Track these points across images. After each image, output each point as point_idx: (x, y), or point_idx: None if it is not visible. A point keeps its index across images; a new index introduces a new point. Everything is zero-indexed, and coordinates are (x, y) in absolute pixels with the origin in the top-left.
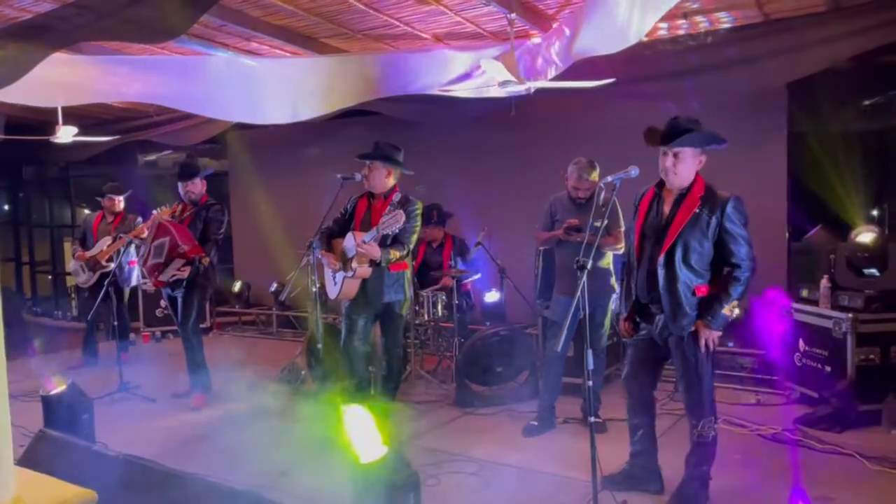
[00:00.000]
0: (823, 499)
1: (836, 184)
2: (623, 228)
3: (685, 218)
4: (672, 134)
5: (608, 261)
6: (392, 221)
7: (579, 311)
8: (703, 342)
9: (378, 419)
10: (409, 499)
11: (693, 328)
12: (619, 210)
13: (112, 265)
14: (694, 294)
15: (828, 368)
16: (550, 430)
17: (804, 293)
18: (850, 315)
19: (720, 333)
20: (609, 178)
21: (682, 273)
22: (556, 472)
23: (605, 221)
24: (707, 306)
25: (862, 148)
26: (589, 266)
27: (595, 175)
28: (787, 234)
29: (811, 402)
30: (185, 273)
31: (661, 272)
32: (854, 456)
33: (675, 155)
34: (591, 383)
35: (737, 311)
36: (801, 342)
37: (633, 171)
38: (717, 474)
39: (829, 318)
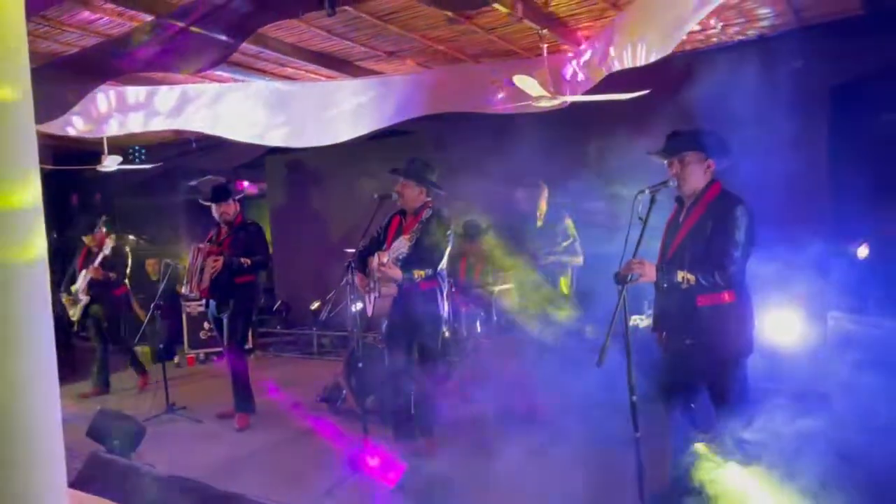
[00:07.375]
0: None
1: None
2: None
3: (691, 224)
4: (673, 146)
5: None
6: (398, 246)
7: None
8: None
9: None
10: None
11: (693, 341)
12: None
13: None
14: (695, 305)
15: None
16: None
17: None
18: None
19: (650, 277)
20: (646, 190)
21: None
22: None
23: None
24: (674, 270)
25: None
26: (629, 280)
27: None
28: None
29: None
30: (219, 264)
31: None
32: None
33: (680, 161)
34: (634, 398)
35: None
36: None
37: (672, 182)
38: None
39: None
